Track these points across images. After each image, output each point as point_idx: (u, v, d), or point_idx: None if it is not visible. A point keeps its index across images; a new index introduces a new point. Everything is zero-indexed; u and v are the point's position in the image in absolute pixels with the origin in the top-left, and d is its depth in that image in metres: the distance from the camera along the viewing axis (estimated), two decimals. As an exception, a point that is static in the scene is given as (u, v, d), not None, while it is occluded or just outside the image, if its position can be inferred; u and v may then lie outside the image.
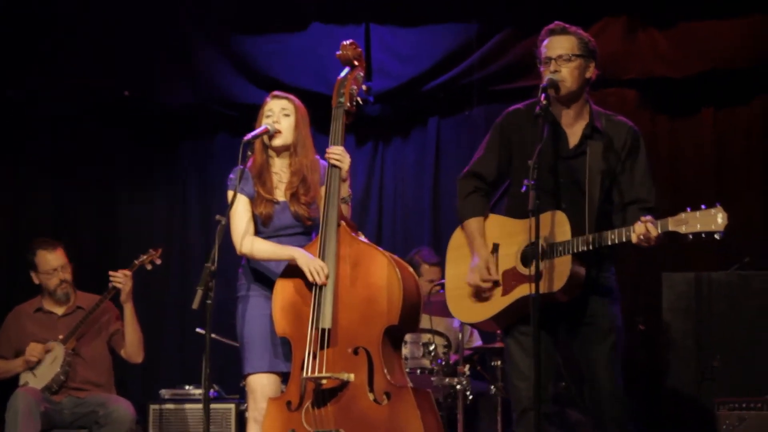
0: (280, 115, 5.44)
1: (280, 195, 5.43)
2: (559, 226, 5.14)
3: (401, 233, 8.53)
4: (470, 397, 6.96)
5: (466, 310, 5.36)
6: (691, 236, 4.93)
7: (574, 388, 6.23)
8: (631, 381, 5.71)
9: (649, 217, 5.00)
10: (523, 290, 5.04)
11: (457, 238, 5.46)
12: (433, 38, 8.54)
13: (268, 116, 5.43)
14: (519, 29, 8.30)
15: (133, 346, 7.17)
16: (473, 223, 5.33)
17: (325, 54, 8.45)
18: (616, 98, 8.21)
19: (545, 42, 5.33)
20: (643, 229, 4.94)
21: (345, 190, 5.37)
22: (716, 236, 4.90)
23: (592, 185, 5.19)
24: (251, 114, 5.60)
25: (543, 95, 5.08)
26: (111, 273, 7.04)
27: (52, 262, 7.24)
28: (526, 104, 5.50)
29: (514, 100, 8.23)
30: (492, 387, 7.00)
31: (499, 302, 5.21)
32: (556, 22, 5.40)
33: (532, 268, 4.83)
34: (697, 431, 6.76)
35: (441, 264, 7.79)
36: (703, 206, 4.93)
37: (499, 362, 7.00)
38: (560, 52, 5.26)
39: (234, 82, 8.66)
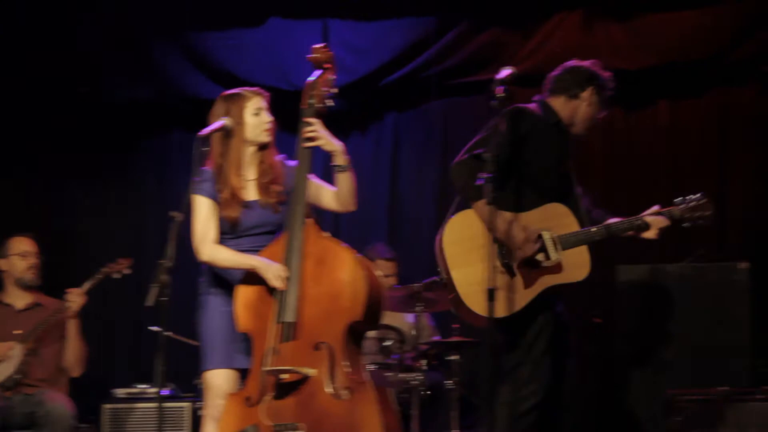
0: (266, 112, 5.43)
1: (249, 195, 5.40)
2: (563, 217, 5.60)
3: (358, 228, 8.53)
4: (426, 392, 6.98)
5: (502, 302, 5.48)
6: (688, 224, 5.64)
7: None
8: (585, 372, 5.78)
9: (656, 207, 5.72)
10: (543, 282, 5.52)
11: (456, 232, 5.62)
12: (390, 33, 8.55)
13: (256, 114, 5.40)
14: (476, 23, 8.33)
15: (72, 360, 7.18)
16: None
17: (282, 49, 8.45)
18: (572, 91, 8.26)
19: None
20: (663, 221, 5.69)
21: (341, 158, 5.36)
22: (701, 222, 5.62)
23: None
24: (208, 109, 5.57)
25: (500, 88, 5.15)
26: (68, 290, 7.05)
27: (25, 245, 7.28)
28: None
29: (471, 94, 8.37)
30: (448, 382, 7.01)
31: (523, 296, 5.52)
32: None
33: (553, 258, 5.42)
34: (649, 423, 6.79)
35: (396, 259, 7.82)
36: (691, 196, 5.65)
37: (456, 357, 7.02)
38: None
39: (191, 77, 8.63)
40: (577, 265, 5.64)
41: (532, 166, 5.73)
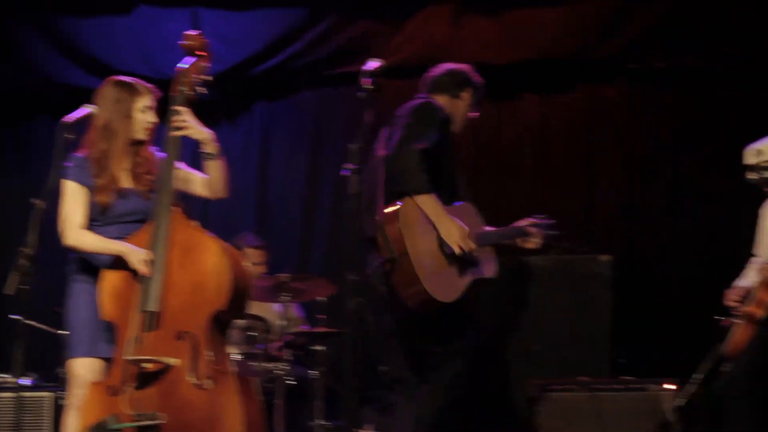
0: (152, 111, 5.39)
1: (123, 182, 5.33)
2: (474, 216, 5.85)
3: (227, 218, 8.49)
4: (291, 382, 6.99)
5: (447, 288, 5.66)
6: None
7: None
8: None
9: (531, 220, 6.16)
10: (472, 274, 5.78)
11: (405, 217, 5.62)
12: (262, 23, 8.51)
13: (143, 111, 5.32)
14: (347, 15, 8.34)
15: None
16: (434, 196, 5.64)
17: (151, 37, 8.37)
18: (441, 85, 8.32)
19: None
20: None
21: (210, 146, 5.33)
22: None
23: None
24: (78, 97, 5.49)
25: (368, 80, 5.20)
26: None
27: None
28: None
29: (341, 85, 8.39)
30: (314, 372, 7.03)
31: (460, 284, 5.73)
32: None
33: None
34: (514, 413, 6.88)
35: (264, 248, 7.81)
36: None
37: (321, 347, 7.04)
38: None
39: (59, 64, 8.51)
40: (489, 261, 5.94)
41: (448, 163, 5.86)
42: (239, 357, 6.99)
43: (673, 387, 6.76)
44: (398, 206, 5.60)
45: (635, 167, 8.25)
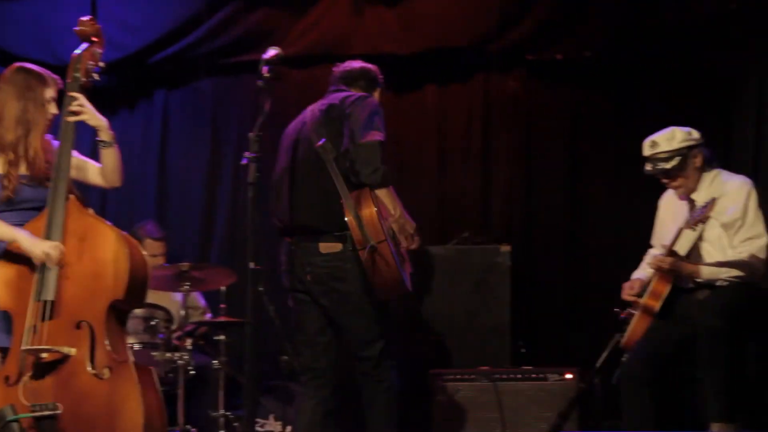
0: (54, 103, 5.34)
1: (20, 169, 5.26)
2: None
3: (126, 206, 8.41)
4: (192, 372, 6.95)
5: (407, 279, 5.73)
6: None
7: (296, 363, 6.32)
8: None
9: None
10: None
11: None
12: (162, 9, 8.41)
13: (47, 102, 5.29)
14: (248, 3, 8.28)
15: None
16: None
17: (50, 23, 8.25)
18: (343, 74, 8.31)
19: None
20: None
21: (105, 134, 5.29)
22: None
23: None
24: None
25: (266, 68, 5.21)
26: None
27: None
28: None
29: (242, 73, 8.34)
30: (215, 361, 7.00)
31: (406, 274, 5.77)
32: None
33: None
34: (413, 404, 6.90)
35: (165, 238, 7.75)
36: None
37: (223, 336, 7.01)
38: None
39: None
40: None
41: None
42: (140, 347, 6.94)
43: (572, 376, 6.85)
44: (372, 193, 5.59)
45: (533, 157, 8.32)
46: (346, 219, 5.48)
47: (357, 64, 6.19)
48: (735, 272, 5.96)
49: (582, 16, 8.10)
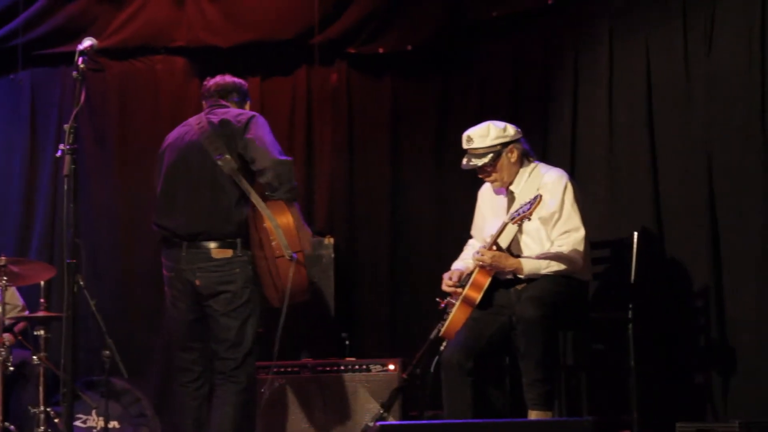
0: None
1: None
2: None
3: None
4: (11, 368, 6.82)
5: None
6: None
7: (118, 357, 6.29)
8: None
9: None
10: None
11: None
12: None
13: None
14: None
15: None
16: None
17: None
18: (164, 66, 8.25)
19: None
20: None
21: None
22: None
23: None
24: None
25: (81, 59, 5.17)
26: None
27: None
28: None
29: (60, 65, 8.19)
30: (35, 357, 6.88)
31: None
32: None
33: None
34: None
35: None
36: None
37: (42, 332, 6.89)
38: None
39: None
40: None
41: None
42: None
43: (395, 367, 6.91)
44: (287, 205, 5.94)
45: (355, 150, 8.39)
46: (265, 226, 5.89)
47: (229, 78, 6.44)
48: (554, 267, 6.07)
49: (403, 10, 8.20)
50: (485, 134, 6.22)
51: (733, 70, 6.53)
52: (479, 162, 6.22)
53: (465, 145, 6.27)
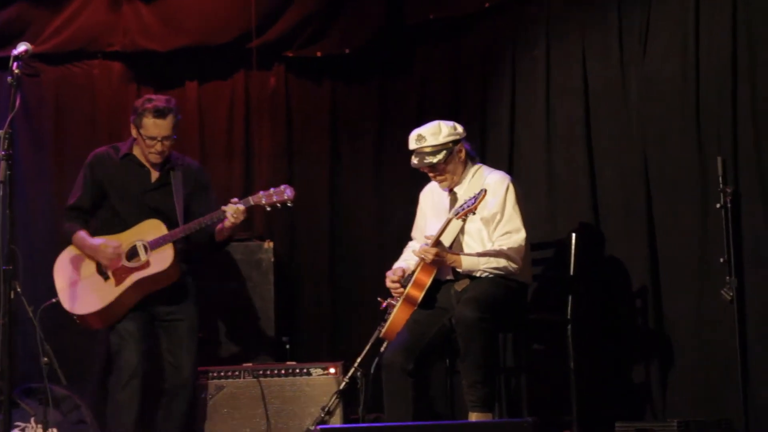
0: None
1: None
2: (155, 228, 6.45)
3: None
4: None
5: (84, 303, 6.48)
6: (269, 208, 6.49)
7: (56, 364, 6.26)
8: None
9: (235, 199, 6.45)
10: (133, 278, 6.41)
11: (64, 257, 6.61)
12: None
13: None
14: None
15: None
16: (80, 233, 6.56)
17: None
18: (101, 70, 8.17)
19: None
20: (233, 209, 6.38)
21: None
22: (289, 204, 6.49)
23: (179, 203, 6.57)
24: None
25: (15, 64, 5.15)
26: None
27: None
28: (110, 147, 6.78)
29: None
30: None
31: (113, 291, 6.42)
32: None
33: (143, 259, 6.43)
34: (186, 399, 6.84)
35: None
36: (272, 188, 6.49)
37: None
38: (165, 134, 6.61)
39: None
40: (162, 259, 6.44)
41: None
42: None
43: (336, 371, 6.90)
44: None
45: (294, 153, 8.38)
46: None
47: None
48: (493, 264, 6.09)
49: (341, 13, 8.22)
50: (437, 132, 6.23)
51: (668, 74, 6.60)
52: (434, 159, 6.21)
53: (414, 145, 6.25)
